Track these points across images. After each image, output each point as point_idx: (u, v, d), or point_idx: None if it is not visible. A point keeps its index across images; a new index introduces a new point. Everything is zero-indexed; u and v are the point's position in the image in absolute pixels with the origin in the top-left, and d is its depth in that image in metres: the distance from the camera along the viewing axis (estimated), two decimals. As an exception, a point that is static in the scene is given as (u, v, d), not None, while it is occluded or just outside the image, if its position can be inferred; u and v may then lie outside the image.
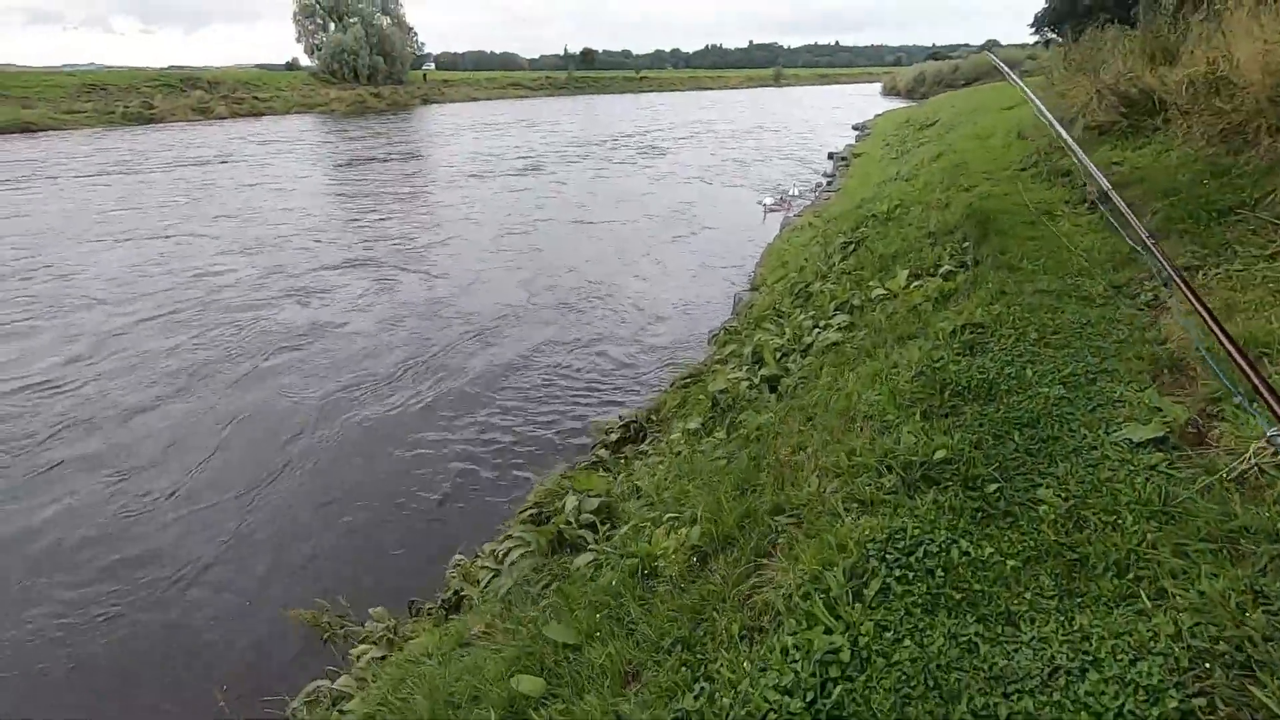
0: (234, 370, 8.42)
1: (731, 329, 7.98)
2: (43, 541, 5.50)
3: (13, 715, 4.04)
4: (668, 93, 77.30)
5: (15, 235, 14.50)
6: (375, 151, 27.86)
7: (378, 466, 6.48)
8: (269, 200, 18.68)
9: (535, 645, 2.55)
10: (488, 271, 12.40)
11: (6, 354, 8.87)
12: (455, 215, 16.79)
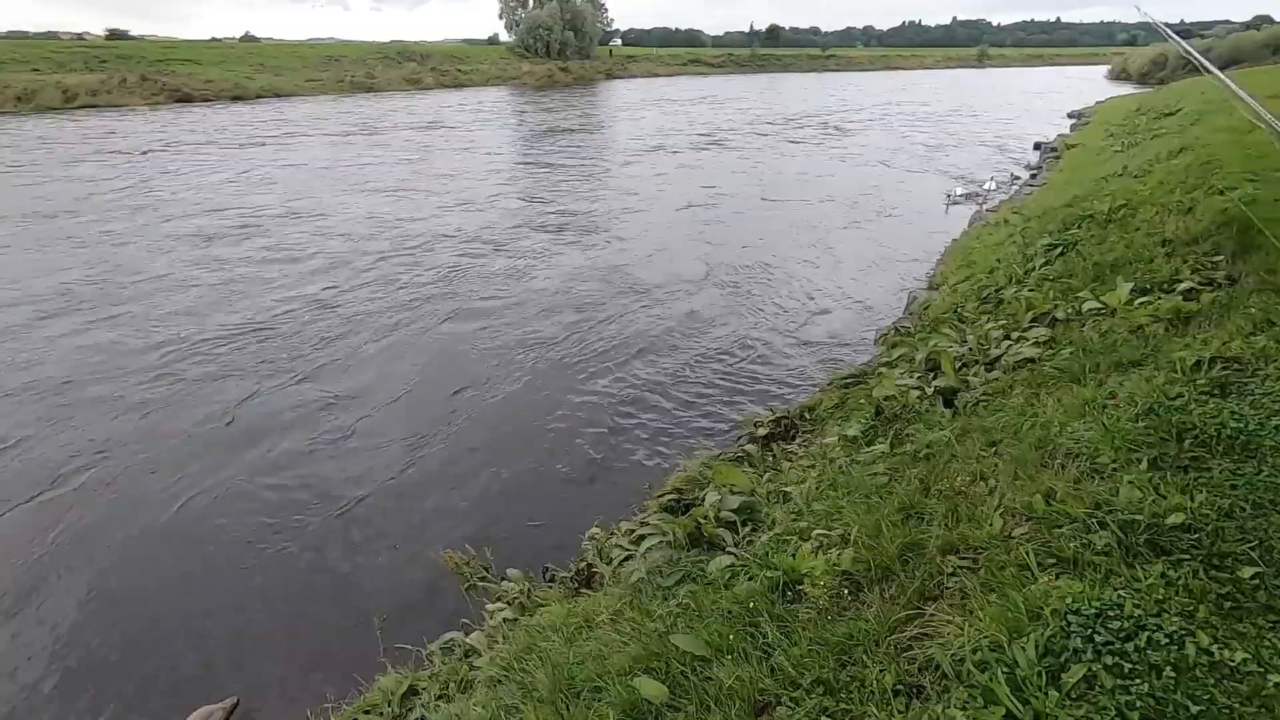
0: (436, 312, 9.32)
1: (903, 330, 7.34)
2: (251, 450, 6.31)
3: (203, 619, 4.67)
4: (855, 72, 73.27)
5: (285, 183, 17.14)
6: (564, 123, 29.02)
7: (533, 425, 6.73)
8: (475, 163, 20.30)
9: (662, 648, 2.43)
10: (665, 243, 12.52)
11: (284, 278, 10.60)
12: (638, 186, 17.12)
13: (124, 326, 8.87)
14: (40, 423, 6.71)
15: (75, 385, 7.41)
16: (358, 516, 5.51)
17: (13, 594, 4.72)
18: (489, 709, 2.51)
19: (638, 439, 6.49)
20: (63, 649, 4.34)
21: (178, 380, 7.52)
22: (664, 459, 6.13)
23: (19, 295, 9.88)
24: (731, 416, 6.78)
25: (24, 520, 5.40)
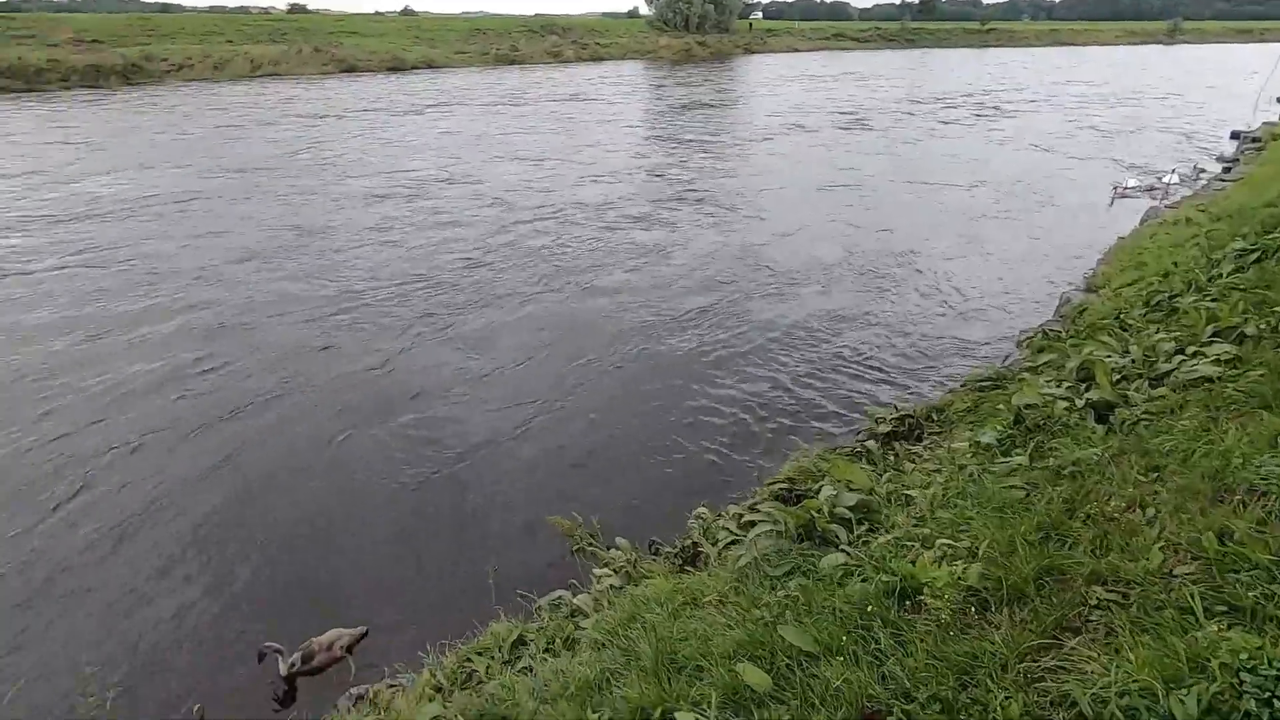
0: (574, 281, 9.69)
1: (1052, 334, 6.74)
2: (398, 398, 6.84)
3: (338, 548, 5.14)
4: (1020, 48, 67.09)
5: (442, 150, 18.33)
6: (702, 98, 28.77)
7: (650, 401, 6.83)
8: (615, 135, 20.70)
9: (767, 637, 2.41)
10: (801, 225, 12.22)
11: (443, 239, 11.44)
12: (776, 164, 16.77)
13: (309, 273, 9.93)
14: (231, 355, 7.65)
15: (262, 323, 8.40)
16: (480, 470, 5.85)
17: (171, 505, 5.43)
18: (593, 669, 2.60)
19: (752, 424, 6.42)
20: (213, 554, 4.96)
21: (349, 325, 8.35)
22: (777, 447, 6.03)
23: (229, 240, 11.30)
24: (851, 410, 6.55)
25: (202, 443, 6.18)
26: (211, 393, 6.94)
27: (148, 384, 7.04)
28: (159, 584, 4.71)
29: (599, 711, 2.24)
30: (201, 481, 5.68)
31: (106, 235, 11.39)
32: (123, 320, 8.34)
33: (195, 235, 11.45)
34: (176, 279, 9.65)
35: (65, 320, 8.34)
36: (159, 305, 8.80)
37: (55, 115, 22.83)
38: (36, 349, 7.64)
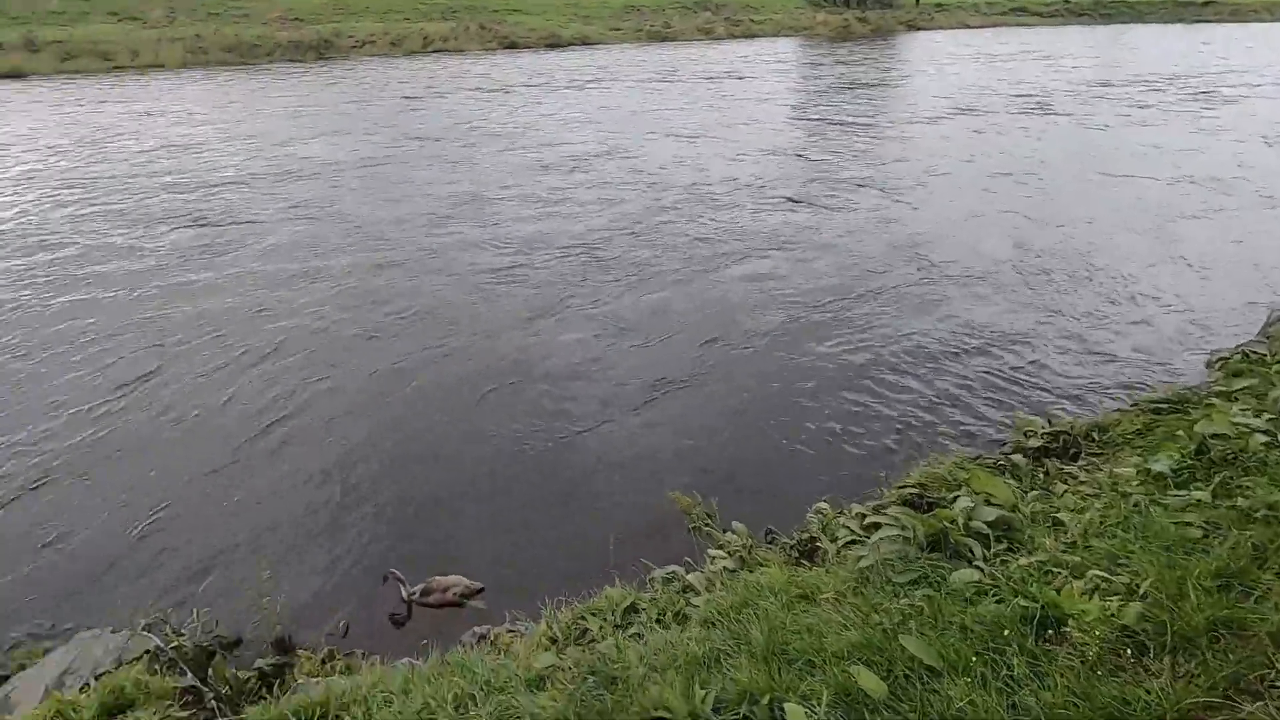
0: (721, 259, 9.68)
1: (1254, 355, 5.88)
2: (543, 357, 7.24)
3: (462, 498, 5.51)
4: (1243, 23, 57.87)
5: (600, 124, 18.92)
6: (862, 77, 27.40)
7: (779, 388, 6.72)
8: (770, 114, 20.31)
9: (885, 644, 2.32)
10: (969, 215, 11.44)
11: (604, 210, 11.85)
12: (943, 149, 15.70)
13: (482, 236, 10.66)
14: (407, 308, 8.44)
15: (436, 280, 9.17)
16: (606, 439, 6.04)
17: (336, 437, 6.05)
18: (702, 646, 2.64)
19: (884, 422, 6.15)
20: (361, 486, 5.50)
21: (508, 288, 8.92)
22: (908, 449, 5.75)
23: (413, 202, 12.36)
24: (996, 418, 6.09)
25: (373, 386, 6.86)
26: (385, 339, 7.71)
27: (343, 330, 7.96)
28: (319, 505, 5.32)
29: (706, 688, 2.27)
30: (360, 418, 6.33)
31: (313, 192, 12.91)
32: (331, 272, 9.46)
33: (385, 197, 12.66)
34: (372, 235, 10.80)
35: (284, 268, 9.57)
36: (358, 260, 9.86)
37: (265, 86, 25.73)
38: (261, 293, 8.84)
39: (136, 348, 7.50)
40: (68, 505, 5.33)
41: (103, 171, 14.16)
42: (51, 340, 7.64)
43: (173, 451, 5.92)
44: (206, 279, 9.22)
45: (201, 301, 8.55)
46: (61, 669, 3.55)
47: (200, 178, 13.77)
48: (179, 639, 3.84)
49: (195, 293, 8.83)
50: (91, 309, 8.39)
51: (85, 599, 4.52)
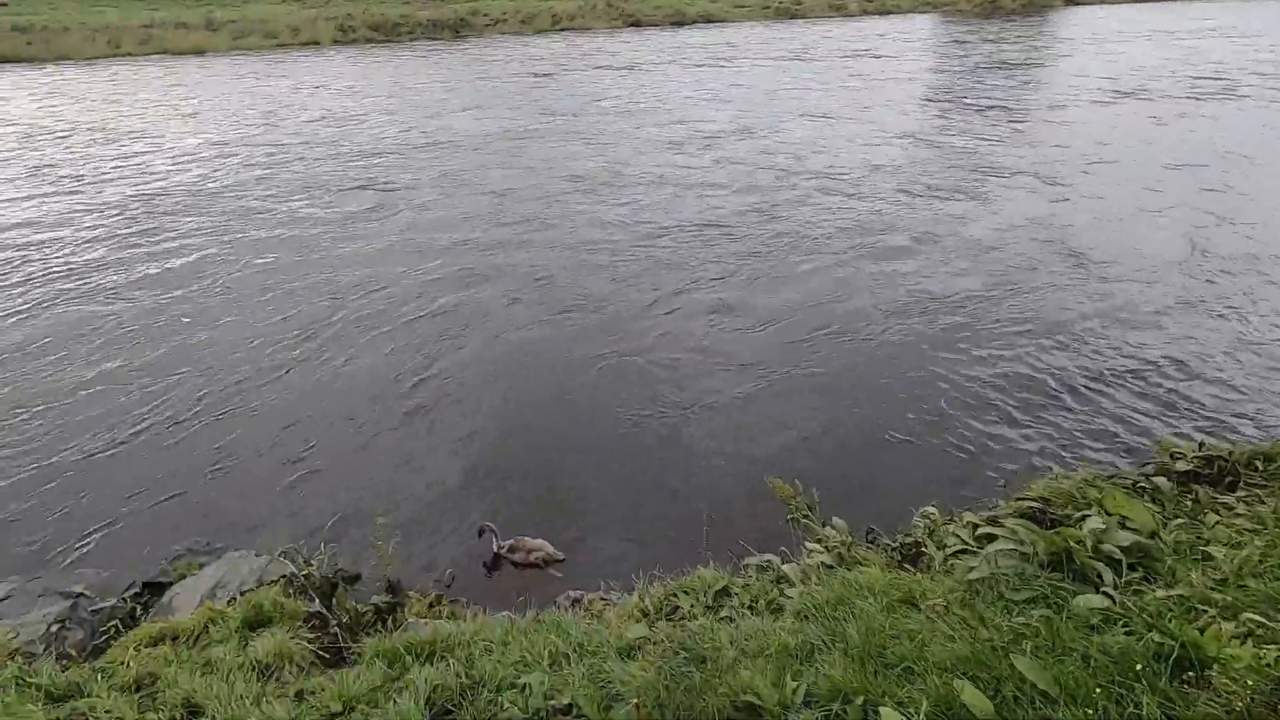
0: (850, 246, 9.43)
1: None
2: (661, 335, 7.36)
3: (560, 463, 5.67)
4: None
5: (732, 103, 18.87)
6: (1012, 56, 25.38)
7: (892, 383, 6.47)
8: (909, 94, 19.37)
9: (994, 662, 2.20)
10: (1134, 210, 10.45)
11: (736, 190, 11.87)
12: (1106, 137, 14.34)
13: (617, 213, 10.98)
14: (547, 274, 8.93)
15: (574, 252, 9.59)
16: (710, 421, 6.04)
17: (461, 394, 6.40)
18: (795, 638, 2.60)
19: (1008, 430, 5.77)
20: (474, 441, 5.81)
21: (639, 262, 9.17)
22: (1031, 460, 5.37)
23: (553, 175, 12.93)
24: (1136, 437, 5.56)
25: (503, 353, 7.24)
26: (521, 306, 8.16)
27: (483, 296, 8.47)
28: (440, 462, 5.68)
29: (798, 680, 2.25)
30: (487, 383, 6.71)
31: (461, 163, 13.82)
32: (479, 242, 10.06)
33: (527, 169, 13.32)
34: (515, 206, 11.39)
35: (437, 236, 10.29)
36: (503, 230, 10.45)
37: (408, 63, 27.30)
38: (417, 258, 9.56)
39: (314, 301, 8.33)
40: (235, 436, 6.01)
41: (278, 139, 15.76)
42: (247, 290, 8.68)
43: (328, 399, 6.53)
44: (372, 242, 10.09)
45: (366, 263, 9.35)
46: (213, 582, 4.02)
47: (361, 147, 14.97)
48: (309, 568, 4.24)
49: (361, 254, 9.67)
50: (278, 263, 9.40)
51: (236, 522, 5.08)
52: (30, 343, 7.51)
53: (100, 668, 2.92)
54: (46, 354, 7.29)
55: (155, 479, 5.51)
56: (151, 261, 9.58)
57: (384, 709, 2.34)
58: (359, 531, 4.93)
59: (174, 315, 8.08)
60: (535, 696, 2.38)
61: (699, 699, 2.26)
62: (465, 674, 2.58)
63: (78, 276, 9.10)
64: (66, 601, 3.99)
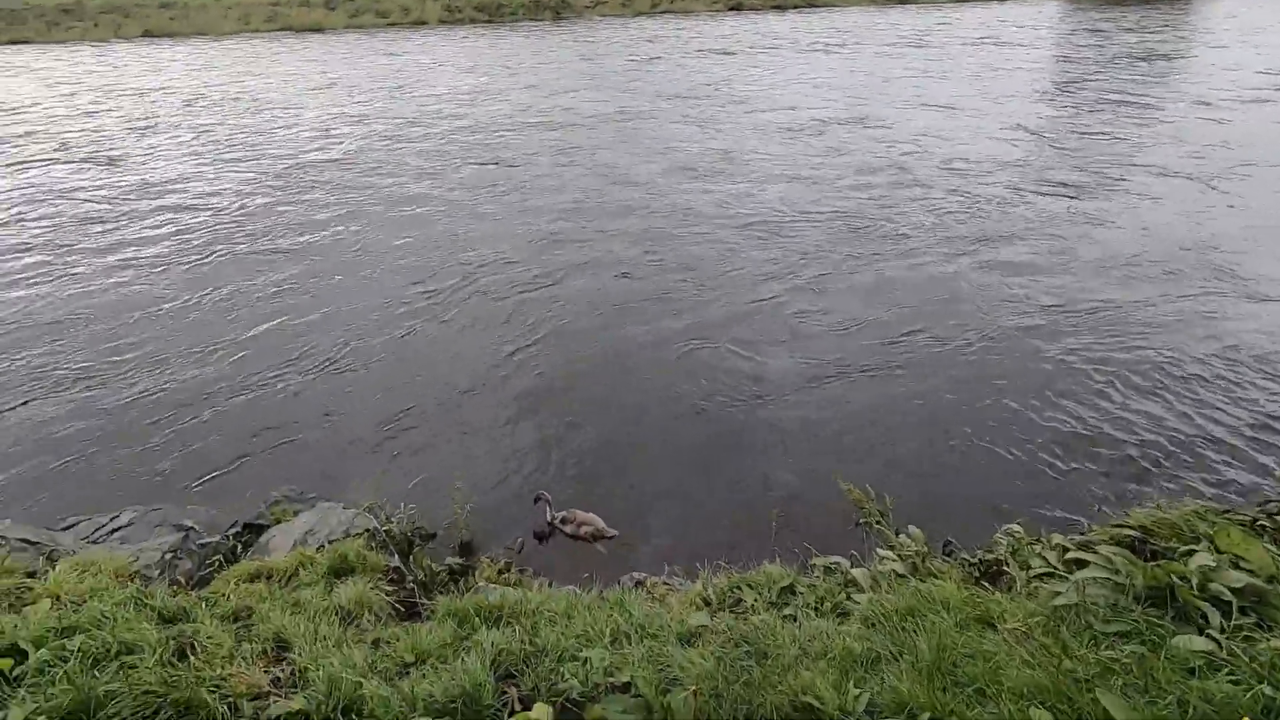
0: (963, 245, 9.08)
1: None
2: (743, 319, 7.41)
3: (625, 450, 5.70)
4: None
5: (845, 90, 18.54)
6: (1156, 47, 23.39)
7: (982, 391, 6.19)
8: (1037, 85, 18.46)
9: (1076, 695, 2.08)
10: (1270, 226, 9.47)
11: (848, 180, 11.71)
12: (1254, 139, 13.05)
13: (729, 198, 11.03)
14: (657, 254, 9.12)
15: (683, 233, 9.73)
16: (790, 413, 5.98)
17: (554, 373, 6.56)
18: (861, 645, 2.54)
19: (1111, 450, 5.41)
20: (548, 418, 5.96)
21: (748, 248, 9.18)
22: (1134, 485, 5.01)
23: (666, 156, 13.13)
24: (1253, 472, 5.08)
25: (599, 329, 7.44)
26: (628, 281, 8.41)
27: (596, 270, 8.79)
28: (523, 434, 5.88)
29: (861, 687, 2.20)
30: (580, 361, 6.91)
31: (577, 141, 14.29)
32: (593, 213, 10.48)
33: (641, 150, 13.57)
34: (631, 186, 11.64)
35: (558, 208, 10.75)
36: (620, 209, 10.74)
37: (513, 43, 27.97)
38: (538, 229, 10.06)
39: (437, 273, 8.81)
40: (344, 395, 6.43)
41: (404, 113, 16.70)
42: (385, 250, 9.35)
43: (435, 361, 6.90)
44: (493, 218, 10.53)
45: (486, 239, 9.77)
46: (305, 529, 4.30)
47: (480, 123, 15.62)
48: (391, 525, 4.48)
49: (482, 229, 10.11)
50: (408, 234, 10.00)
51: (329, 474, 5.43)
52: (195, 297, 8.30)
53: (204, 597, 3.19)
54: (200, 309, 8.04)
55: (268, 428, 5.96)
56: (299, 228, 10.33)
57: (452, 665, 2.45)
58: (439, 495, 5.15)
59: (311, 280, 8.69)
60: (595, 671, 2.43)
61: (757, 694, 2.25)
62: (529, 641, 2.66)
63: (239, 239, 9.96)
64: (179, 534, 4.38)
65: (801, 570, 3.74)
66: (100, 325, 7.66)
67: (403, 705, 2.22)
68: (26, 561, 3.79)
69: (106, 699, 2.14)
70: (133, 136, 14.86)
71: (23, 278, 8.83)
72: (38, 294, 8.40)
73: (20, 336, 7.43)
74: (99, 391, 6.48)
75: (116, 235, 10.11)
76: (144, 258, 9.34)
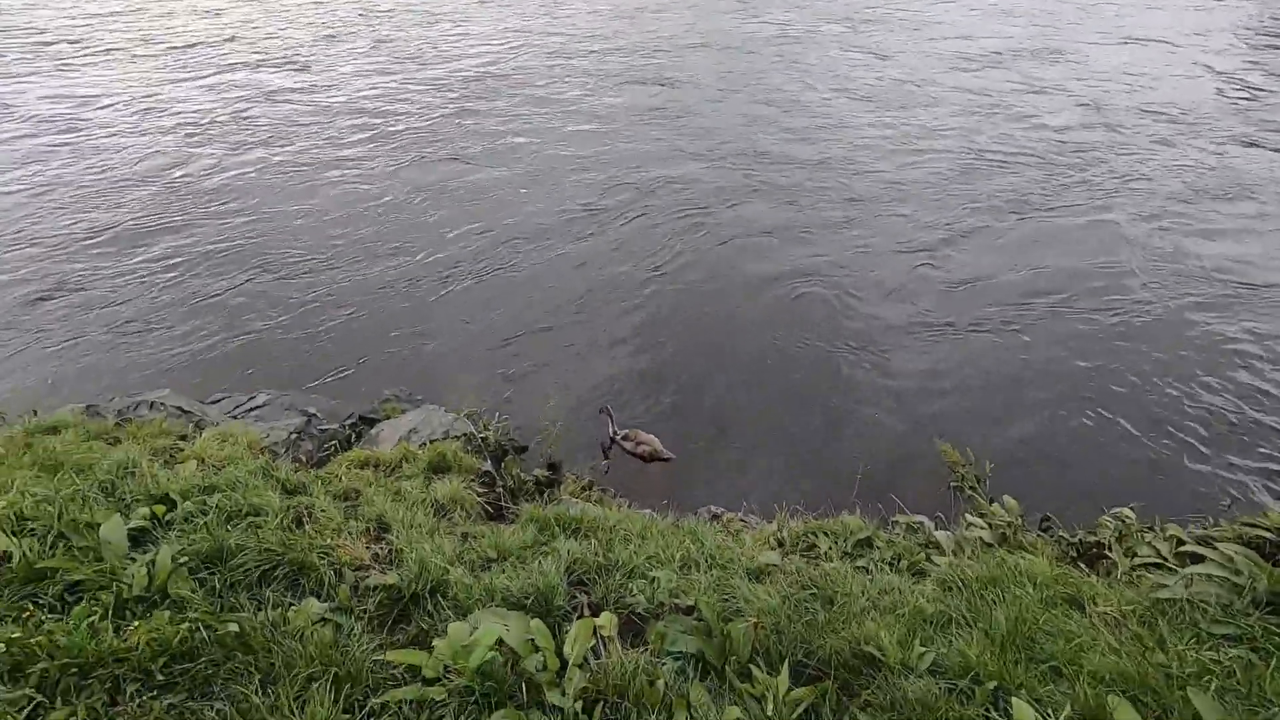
0: (1129, 197, 8.29)
1: None
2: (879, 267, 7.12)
3: (732, 389, 5.67)
4: None
5: (1029, 20, 16.74)
6: None
7: (1124, 367, 5.71)
8: (1269, 19, 15.93)
9: (1165, 692, 1.95)
10: None
11: (1026, 113, 10.88)
12: None
13: (897, 134, 10.43)
14: (817, 190, 8.81)
15: (850, 175, 9.30)
16: (892, 365, 5.76)
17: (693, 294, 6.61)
18: (934, 607, 2.49)
19: (1260, 446, 4.86)
20: (655, 353, 6.01)
21: (909, 184, 8.80)
22: (1265, 482, 4.51)
23: (847, 88, 12.43)
24: None
25: (723, 261, 7.37)
26: (775, 208, 8.31)
27: (745, 205, 8.60)
28: (622, 359, 6.02)
29: (928, 647, 2.16)
30: (699, 293, 6.90)
31: (738, 65, 13.74)
32: (752, 155, 10.03)
33: (805, 78, 12.84)
34: (795, 116, 11.14)
35: (722, 142, 10.42)
36: (782, 141, 10.34)
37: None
38: (704, 155, 9.91)
39: (611, 183, 9.00)
40: (480, 301, 6.76)
41: (566, 29, 16.64)
42: (560, 165, 9.56)
43: (572, 283, 7.07)
44: (653, 141, 10.42)
45: (648, 161, 9.70)
46: (410, 427, 4.64)
47: (640, 43, 15.28)
48: (487, 432, 4.74)
49: (643, 151, 10.07)
50: (584, 143, 10.20)
51: (438, 379, 5.80)
52: (384, 200, 8.77)
53: (320, 476, 3.54)
54: (382, 213, 8.50)
55: (397, 331, 6.39)
56: (480, 138, 10.59)
57: (530, 566, 2.62)
58: (535, 411, 5.39)
59: (486, 192, 8.96)
60: (662, 590, 2.52)
61: (819, 636, 2.26)
62: (603, 555, 2.79)
63: (426, 145, 10.33)
64: (303, 418, 4.84)
65: (881, 525, 3.67)
66: (302, 221, 8.19)
67: (482, 593, 2.40)
68: (180, 426, 4.33)
69: (236, 550, 2.45)
70: (319, 45, 15.37)
71: (244, 172, 9.42)
72: (255, 185, 9.01)
73: (237, 223, 8.10)
74: (273, 282, 7.06)
75: (321, 136, 10.54)
76: (346, 158, 9.82)
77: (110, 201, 8.52)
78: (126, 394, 4.95)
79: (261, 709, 1.78)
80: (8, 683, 1.81)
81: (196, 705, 1.83)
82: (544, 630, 2.12)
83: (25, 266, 7.22)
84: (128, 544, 2.41)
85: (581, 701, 1.88)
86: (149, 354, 6.07)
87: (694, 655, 2.15)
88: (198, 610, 2.12)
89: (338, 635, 2.13)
